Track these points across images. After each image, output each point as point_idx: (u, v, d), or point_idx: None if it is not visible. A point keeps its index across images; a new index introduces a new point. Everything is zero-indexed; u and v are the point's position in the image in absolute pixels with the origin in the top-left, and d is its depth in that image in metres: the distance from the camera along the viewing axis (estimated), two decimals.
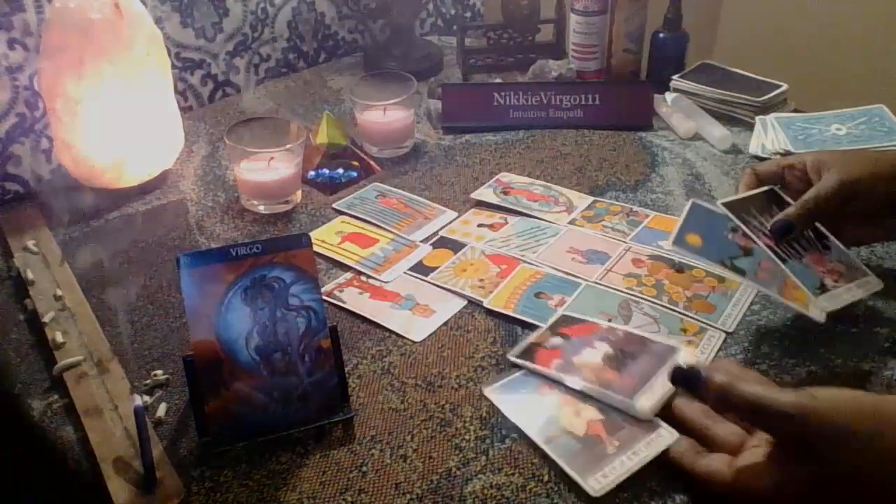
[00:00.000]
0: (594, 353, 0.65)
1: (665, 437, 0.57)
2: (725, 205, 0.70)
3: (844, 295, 0.68)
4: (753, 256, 0.68)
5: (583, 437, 0.58)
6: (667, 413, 0.60)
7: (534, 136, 1.05)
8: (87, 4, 0.83)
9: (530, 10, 1.21)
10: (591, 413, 0.60)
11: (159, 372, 0.68)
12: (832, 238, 0.72)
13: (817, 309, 0.67)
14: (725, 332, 0.70)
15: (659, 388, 0.60)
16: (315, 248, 0.65)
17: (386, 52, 1.25)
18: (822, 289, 0.68)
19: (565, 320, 0.70)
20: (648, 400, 0.59)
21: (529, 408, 0.62)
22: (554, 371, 0.64)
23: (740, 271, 0.67)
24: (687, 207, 0.72)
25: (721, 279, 0.76)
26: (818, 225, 0.72)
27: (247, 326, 0.59)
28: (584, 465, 0.56)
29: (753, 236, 0.69)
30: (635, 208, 0.89)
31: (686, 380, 0.54)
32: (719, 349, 0.68)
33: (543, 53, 1.22)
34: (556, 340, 0.67)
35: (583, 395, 0.62)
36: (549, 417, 0.60)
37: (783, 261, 0.68)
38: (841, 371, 0.65)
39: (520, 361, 0.66)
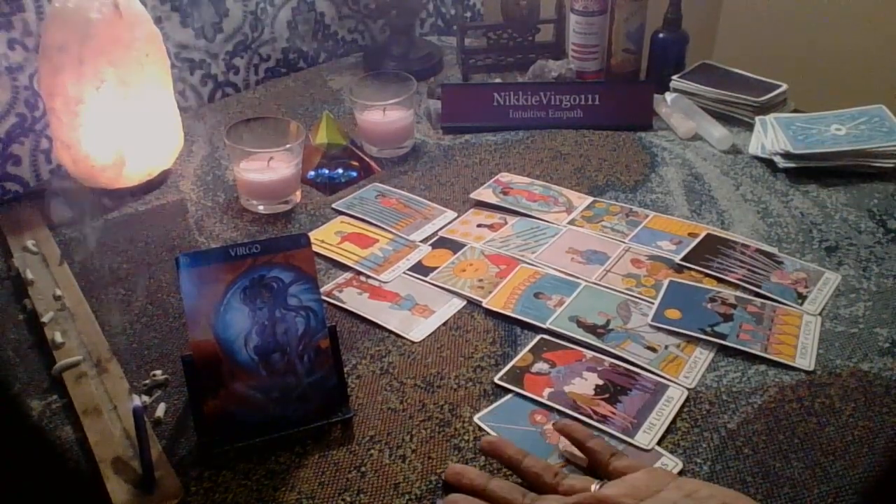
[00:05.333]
0: (585, 385, 0.65)
1: (670, 465, 0.58)
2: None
3: (820, 297, 0.74)
4: (734, 321, 0.70)
5: (587, 466, 0.58)
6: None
7: (533, 136, 1.05)
8: (87, 4, 0.82)
9: (530, 10, 1.20)
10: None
11: (158, 372, 0.68)
12: (779, 254, 0.78)
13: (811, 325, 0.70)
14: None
15: (657, 423, 0.61)
16: (314, 248, 0.65)
17: (386, 52, 1.25)
18: (802, 298, 0.73)
19: (546, 343, 0.70)
20: (649, 436, 0.60)
21: (528, 436, 0.61)
22: (547, 401, 0.63)
23: (721, 336, 0.69)
24: (665, 285, 0.75)
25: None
26: (764, 246, 0.80)
27: (246, 326, 0.59)
28: None
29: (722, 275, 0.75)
30: (635, 208, 0.89)
31: None
32: (717, 352, 0.68)
33: (543, 53, 1.22)
34: (542, 366, 0.67)
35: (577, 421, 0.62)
36: (552, 447, 0.60)
37: (758, 286, 0.74)
38: (841, 371, 0.65)
39: (509, 386, 0.65)
